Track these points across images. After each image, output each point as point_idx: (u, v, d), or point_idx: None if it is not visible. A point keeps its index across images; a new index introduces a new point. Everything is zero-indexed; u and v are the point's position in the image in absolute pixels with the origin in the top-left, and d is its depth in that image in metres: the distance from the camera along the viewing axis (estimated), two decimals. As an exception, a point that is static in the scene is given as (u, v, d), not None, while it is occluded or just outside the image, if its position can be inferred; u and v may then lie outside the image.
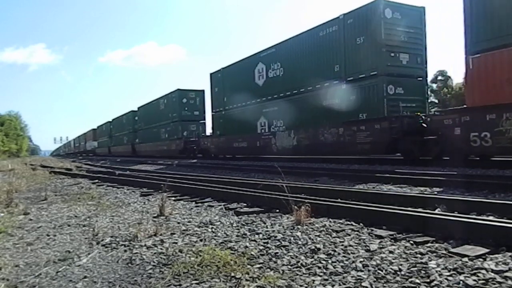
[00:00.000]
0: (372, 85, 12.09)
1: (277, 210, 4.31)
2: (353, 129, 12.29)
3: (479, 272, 2.13)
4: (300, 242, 3.00)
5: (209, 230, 3.65)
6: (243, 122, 18.61)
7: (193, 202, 5.45)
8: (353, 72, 12.71)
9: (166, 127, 28.84)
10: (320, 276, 2.31)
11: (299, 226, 3.50)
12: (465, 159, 9.43)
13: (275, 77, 16.89)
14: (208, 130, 30.66)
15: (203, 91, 27.40)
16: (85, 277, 2.52)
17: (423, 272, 2.23)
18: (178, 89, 26.99)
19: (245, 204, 4.89)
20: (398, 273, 2.25)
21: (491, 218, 3.38)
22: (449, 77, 39.53)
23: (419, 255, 2.53)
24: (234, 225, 3.82)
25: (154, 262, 2.74)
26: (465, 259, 2.38)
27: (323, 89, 14.01)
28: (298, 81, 15.26)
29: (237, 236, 3.37)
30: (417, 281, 2.12)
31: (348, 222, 3.54)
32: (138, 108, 36.51)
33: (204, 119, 27.55)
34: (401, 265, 2.36)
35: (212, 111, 22.42)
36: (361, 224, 3.44)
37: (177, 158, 23.93)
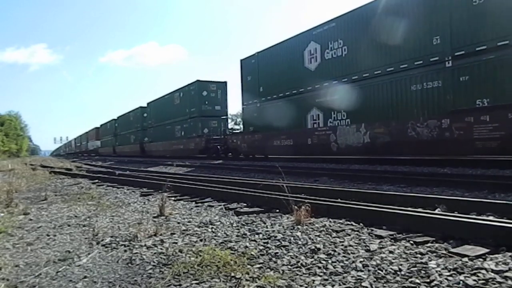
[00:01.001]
0: (501, 58, 8.62)
1: (277, 210, 4.31)
2: (468, 121, 9.02)
3: (479, 272, 2.13)
4: (300, 242, 3.00)
5: (209, 230, 3.65)
6: (286, 116, 15.13)
7: (193, 202, 5.45)
8: (465, 45, 9.30)
9: (182, 124, 25.64)
10: (320, 276, 2.31)
11: (299, 226, 3.50)
12: None
13: (334, 58, 13.20)
14: (232, 127, 29.38)
15: (225, 83, 24.45)
16: (85, 277, 2.52)
17: (423, 272, 2.23)
18: (198, 81, 23.63)
19: (245, 204, 4.89)
20: (398, 273, 2.25)
21: (491, 218, 3.38)
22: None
23: (419, 255, 2.53)
24: (234, 225, 3.82)
25: (154, 262, 2.74)
26: (465, 259, 2.38)
27: (412, 70, 10.56)
28: (370, 61, 11.77)
29: (237, 236, 3.37)
30: (417, 281, 2.12)
31: (348, 222, 3.54)
32: (148, 103, 33.05)
33: (226, 115, 24.77)
34: (401, 265, 2.36)
35: (243, 104, 18.69)
36: (361, 224, 3.44)
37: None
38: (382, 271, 2.29)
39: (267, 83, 16.91)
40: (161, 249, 3.05)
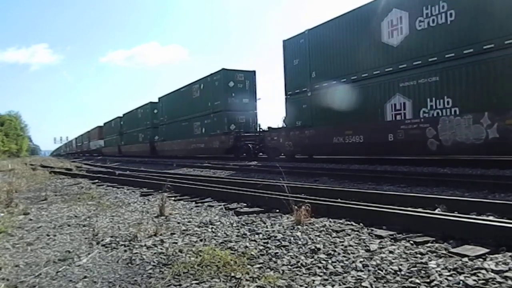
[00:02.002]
0: None
1: (277, 210, 4.31)
2: None
3: (479, 272, 2.13)
4: (300, 242, 3.00)
5: (209, 230, 3.65)
6: (351, 107, 11.94)
7: (193, 202, 5.45)
8: None
9: (203, 119, 22.22)
10: (320, 276, 2.31)
11: (299, 226, 3.50)
12: None
13: (433, 27, 9.79)
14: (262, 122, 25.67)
15: (253, 72, 21.07)
16: (85, 277, 2.52)
17: (423, 272, 2.23)
18: (224, 69, 20.32)
19: (245, 204, 4.89)
20: (398, 273, 2.25)
21: (491, 218, 3.38)
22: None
23: (419, 255, 2.53)
24: (234, 225, 3.82)
25: (154, 262, 2.74)
26: (465, 259, 2.38)
27: None
28: (497, 25, 8.42)
29: (237, 236, 3.37)
30: (417, 281, 2.12)
31: (348, 222, 3.54)
32: (160, 98, 29.46)
33: (256, 109, 21.15)
34: (401, 265, 2.36)
35: (287, 94, 15.31)
36: (361, 224, 3.44)
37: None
38: (382, 271, 2.29)
39: (322, 66, 13.41)
40: (161, 249, 3.05)
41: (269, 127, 17.64)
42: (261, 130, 19.24)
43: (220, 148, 20.09)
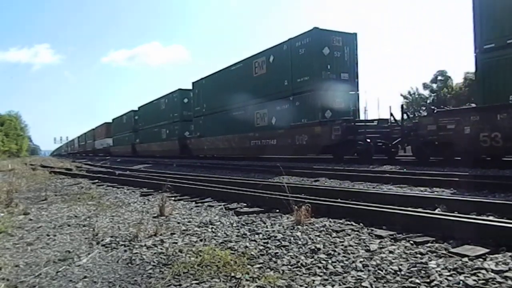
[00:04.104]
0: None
1: (277, 210, 4.31)
2: None
3: (479, 272, 2.13)
4: (300, 242, 3.00)
5: (209, 230, 3.65)
6: None
7: (193, 202, 5.45)
8: None
9: (274, 105, 15.80)
10: (320, 276, 2.31)
11: (299, 226, 3.50)
12: None
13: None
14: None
15: (354, 35, 14.72)
16: (85, 277, 2.52)
17: (423, 272, 2.23)
18: (316, 28, 14.01)
19: (245, 204, 4.89)
20: (398, 273, 2.25)
21: (491, 218, 3.38)
22: (449, 77, 39.55)
23: (419, 255, 2.53)
24: (234, 225, 3.82)
25: (154, 262, 2.74)
26: (465, 259, 2.38)
27: None
28: None
29: (237, 236, 3.37)
30: (417, 281, 2.12)
31: (348, 222, 3.54)
32: (194, 83, 23.12)
33: (357, 88, 14.69)
34: (401, 265, 2.36)
35: (483, 50, 9.77)
36: (361, 224, 3.44)
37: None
38: (382, 271, 2.29)
39: None
40: (161, 249, 3.05)
41: (433, 109, 10.95)
42: (405, 117, 12.56)
43: (311, 144, 13.52)
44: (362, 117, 14.54)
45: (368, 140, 12.24)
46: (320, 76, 13.93)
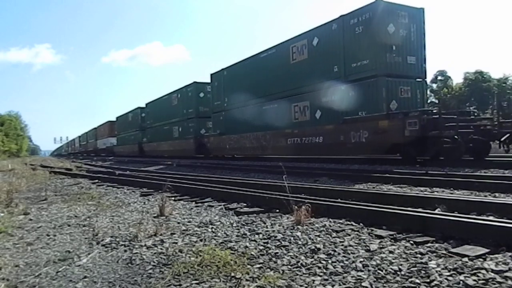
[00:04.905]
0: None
1: (277, 210, 4.31)
2: None
3: (479, 272, 2.13)
4: (300, 242, 3.00)
5: (209, 230, 3.65)
6: None
7: (193, 202, 5.45)
8: None
9: (317, 96, 13.45)
10: (320, 276, 2.31)
11: (299, 226, 3.50)
12: None
13: None
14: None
15: (421, 10, 12.26)
16: (85, 277, 2.52)
17: (423, 272, 2.23)
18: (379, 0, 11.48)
19: (245, 204, 4.89)
20: (398, 273, 2.25)
21: (491, 218, 3.38)
22: (449, 77, 39.58)
23: (419, 255, 2.53)
24: (234, 225, 3.82)
25: (154, 262, 2.74)
26: (465, 259, 2.38)
27: None
28: None
29: (237, 236, 3.37)
30: (417, 281, 2.12)
31: (348, 222, 3.54)
32: (213, 75, 20.59)
33: (425, 74, 12.42)
34: (401, 265, 2.36)
35: None
36: (361, 224, 3.44)
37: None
38: (382, 271, 2.29)
39: None
40: (161, 249, 3.05)
41: None
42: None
43: (374, 142, 11.01)
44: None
45: (456, 137, 9.44)
46: (385, 60, 11.41)
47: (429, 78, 40.81)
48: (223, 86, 19.62)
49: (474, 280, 2.04)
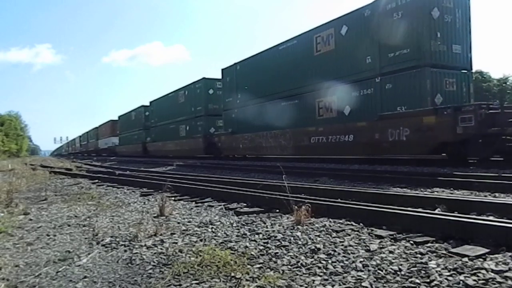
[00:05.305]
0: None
1: (277, 210, 4.31)
2: None
3: (479, 272, 2.13)
4: (300, 242, 3.00)
5: (209, 230, 3.65)
6: None
7: (193, 202, 5.45)
8: None
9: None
10: (320, 276, 2.31)
11: (299, 226, 3.50)
12: None
13: None
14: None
15: None
16: (85, 277, 2.52)
17: (423, 272, 2.23)
18: None
19: (245, 204, 4.89)
20: (398, 273, 2.25)
21: (491, 218, 3.38)
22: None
23: (419, 255, 2.53)
24: (234, 225, 3.82)
25: (154, 262, 2.74)
26: (465, 259, 2.38)
27: None
28: None
29: (237, 236, 3.37)
30: (417, 281, 2.12)
31: (348, 222, 3.54)
32: (224, 70, 19.64)
33: (471, 65, 11.26)
34: (401, 265, 2.37)
35: None
36: (361, 224, 3.44)
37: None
38: (382, 271, 2.29)
39: None
40: (161, 249, 3.05)
41: None
42: None
43: (417, 140, 9.69)
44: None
45: None
46: (429, 48, 10.28)
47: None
48: (236, 82, 18.53)
49: (474, 280, 2.04)
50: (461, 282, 2.04)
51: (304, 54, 14.16)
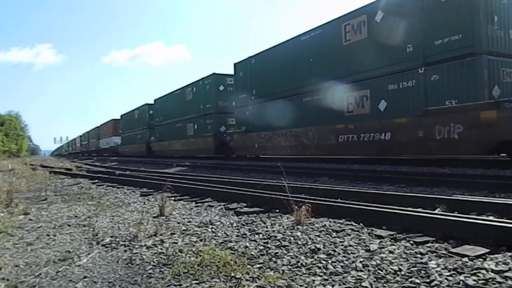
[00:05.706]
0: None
1: (277, 210, 4.31)
2: None
3: (479, 272, 2.13)
4: (300, 242, 3.00)
5: (209, 230, 3.65)
6: None
7: (193, 202, 5.45)
8: None
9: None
10: (320, 276, 2.31)
11: (299, 226, 3.50)
12: None
13: None
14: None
15: None
16: (85, 277, 2.52)
17: (423, 272, 2.23)
18: None
19: (245, 204, 4.89)
20: (398, 273, 2.25)
21: (491, 218, 3.38)
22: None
23: (419, 255, 2.53)
24: (234, 225, 3.82)
25: (154, 262, 2.74)
26: (465, 259, 2.38)
27: None
28: None
29: (237, 236, 3.37)
30: (417, 281, 2.12)
31: (348, 222, 3.54)
32: (237, 64, 18.25)
33: None
34: (401, 265, 2.36)
35: None
36: (361, 224, 3.44)
37: None
38: (382, 271, 2.29)
39: None
40: (161, 249, 3.05)
41: None
42: None
43: (471, 138, 8.48)
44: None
45: None
46: (485, 33, 8.89)
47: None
48: (250, 77, 17.04)
49: (474, 280, 2.04)
50: (461, 282, 2.04)
51: (331, 44, 12.82)
